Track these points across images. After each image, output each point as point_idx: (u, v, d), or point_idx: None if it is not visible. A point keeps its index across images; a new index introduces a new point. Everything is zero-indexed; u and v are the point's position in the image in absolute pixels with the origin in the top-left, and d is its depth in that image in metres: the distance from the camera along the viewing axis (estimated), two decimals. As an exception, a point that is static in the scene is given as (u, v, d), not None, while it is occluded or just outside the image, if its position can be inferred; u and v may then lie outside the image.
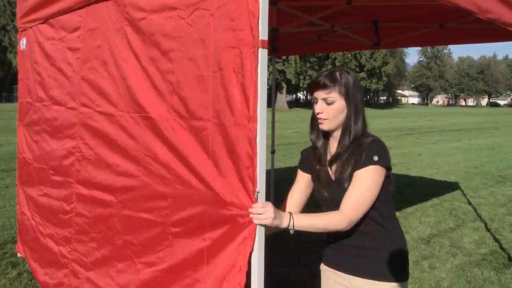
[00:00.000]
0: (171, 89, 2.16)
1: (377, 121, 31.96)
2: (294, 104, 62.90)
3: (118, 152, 2.62)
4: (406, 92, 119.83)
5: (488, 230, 6.07)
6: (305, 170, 2.14)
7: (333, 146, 2.03)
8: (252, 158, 1.71)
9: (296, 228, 1.82)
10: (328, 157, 2.03)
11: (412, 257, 4.98)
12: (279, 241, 5.22)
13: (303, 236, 2.18)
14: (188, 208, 2.08)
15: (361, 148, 1.88)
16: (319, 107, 1.93)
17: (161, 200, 2.25)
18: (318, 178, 2.05)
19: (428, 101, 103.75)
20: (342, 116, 1.92)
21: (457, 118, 39.41)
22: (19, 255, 4.52)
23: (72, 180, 3.24)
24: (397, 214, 6.83)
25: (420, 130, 24.48)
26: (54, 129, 3.53)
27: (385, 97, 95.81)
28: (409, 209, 7.08)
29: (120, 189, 2.61)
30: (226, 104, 1.82)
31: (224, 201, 1.86)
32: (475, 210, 7.08)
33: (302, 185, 2.15)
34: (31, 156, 4.03)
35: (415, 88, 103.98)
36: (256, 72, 1.69)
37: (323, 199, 2.03)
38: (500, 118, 40.14)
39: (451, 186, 8.90)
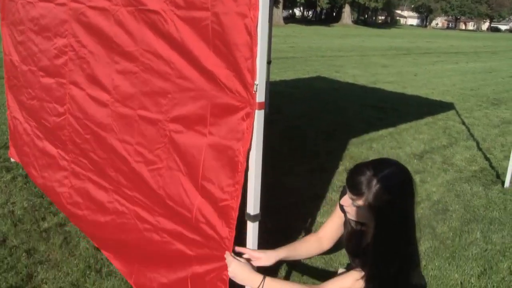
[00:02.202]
0: (166, -24, 1.98)
1: (375, 40, 31.42)
2: (289, 20, 61.35)
3: (115, 48, 2.48)
4: (405, 13, 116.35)
5: (479, 149, 6.13)
6: (342, 210, 1.93)
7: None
8: (251, 48, 1.59)
9: None
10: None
11: (404, 171, 5.05)
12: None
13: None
14: (188, 103, 2.00)
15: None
16: (345, 200, 1.69)
17: (160, 96, 2.17)
18: (347, 234, 1.89)
19: (427, 23, 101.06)
20: (367, 221, 1.68)
21: (456, 41, 38.66)
22: (12, 160, 4.50)
23: (64, 81, 3.13)
24: (392, 130, 6.95)
25: (418, 51, 24.08)
26: (41, 28, 3.34)
27: (383, 17, 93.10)
28: (403, 126, 7.11)
29: (117, 87, 2.51)
30: None
31: (225, 93, 1.78)
32: (468, 130, 7.12)
33: (336, 223, 1.99)
34: (18, 58, 3.87)
35: (415, 9, 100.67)
36: None
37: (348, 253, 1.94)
38: (500, 43, 39.44)
39: (446, 106, 8.88)
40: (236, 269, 1.79)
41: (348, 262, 2.10)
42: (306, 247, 2.04)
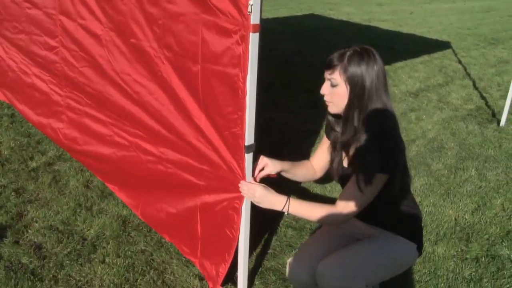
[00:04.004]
0: None
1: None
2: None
3: None
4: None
5: (476, 88, 6.04)
6: (329, 137, 1.97)
7: None
8: None
9: (291, 214, 1.77)
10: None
11: (400, 109, 4.98)
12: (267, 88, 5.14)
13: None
14: (179, 29, 1.87)
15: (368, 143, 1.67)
16: (324, 87, 1.76)
17: (151, 23, 2.03)
18: (331, 162, 1.92)
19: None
20: (345, 100, 1.72)
21: (453, -21, 37.51)
22: (-4, 99, 4.34)
23: (54, 12, 2.94)
24: (387, 68, 6.75)
25: (414, -10, 23.37)
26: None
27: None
28: (399, 64, 6.97)
29: (108, 16, 2.35)
30: None
31: (217, 16, 1.64)
32: (465, 69, 6.99)
33: (325, 151, 1.99)
34: (-5, -12, 3.63)
35: None
36: None
37: (335, 179, 1.95)
38: (497, -19, 38.35)
39: (442, 45, 8.68)
40: (262, 194, 1.77)
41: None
42: (304, 171, 2.06)
